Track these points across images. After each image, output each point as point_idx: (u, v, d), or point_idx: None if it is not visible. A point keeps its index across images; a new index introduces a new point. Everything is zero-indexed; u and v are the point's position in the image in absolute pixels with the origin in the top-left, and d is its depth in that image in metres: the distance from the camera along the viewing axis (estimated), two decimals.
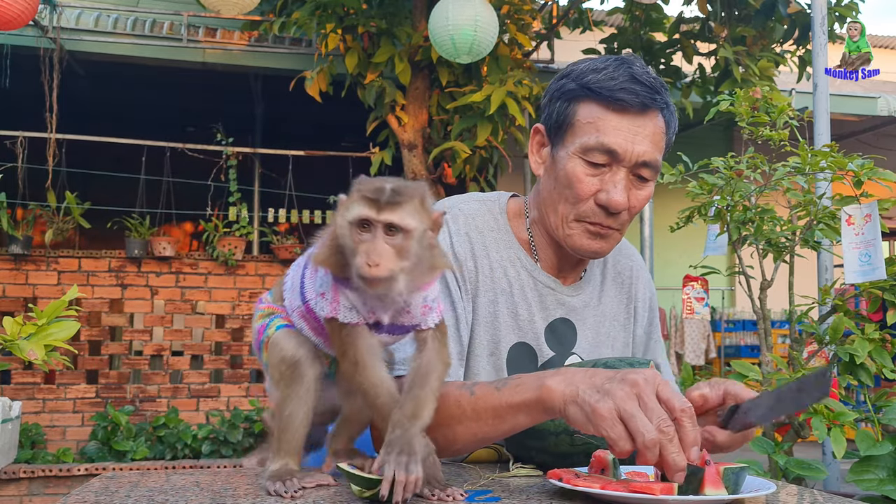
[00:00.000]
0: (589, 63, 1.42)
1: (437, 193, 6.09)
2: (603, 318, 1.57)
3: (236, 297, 6.32)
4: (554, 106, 1.44)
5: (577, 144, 1.39)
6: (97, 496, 1.03)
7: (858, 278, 2.47)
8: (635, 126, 1.36)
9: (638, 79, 1.36)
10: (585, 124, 1.38)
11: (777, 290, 2.77)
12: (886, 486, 1.55)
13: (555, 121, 1.44)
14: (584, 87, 1.39)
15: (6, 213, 5.82)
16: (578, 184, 1.39)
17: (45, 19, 6.15)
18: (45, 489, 5.32)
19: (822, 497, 1.17)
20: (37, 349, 1.43)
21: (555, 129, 1.44)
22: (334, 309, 1.06)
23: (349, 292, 1.05)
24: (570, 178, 1.39)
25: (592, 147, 1.37)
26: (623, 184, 1.37)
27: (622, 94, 1.35)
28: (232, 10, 5.88)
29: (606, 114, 1.37)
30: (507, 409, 1.18)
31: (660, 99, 1.38)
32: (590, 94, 1.38)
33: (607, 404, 1.00)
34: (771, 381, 2.23)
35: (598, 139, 1.36)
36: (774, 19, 6.33)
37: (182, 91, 7.60)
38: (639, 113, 1.36)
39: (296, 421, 1.13)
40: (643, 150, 1.36)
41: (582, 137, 1.38)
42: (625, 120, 1.36)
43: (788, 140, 2.70)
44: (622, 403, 1.00)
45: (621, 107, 1.36)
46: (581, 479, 1.04)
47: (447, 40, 5.10)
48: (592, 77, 1.38)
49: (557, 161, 1.43)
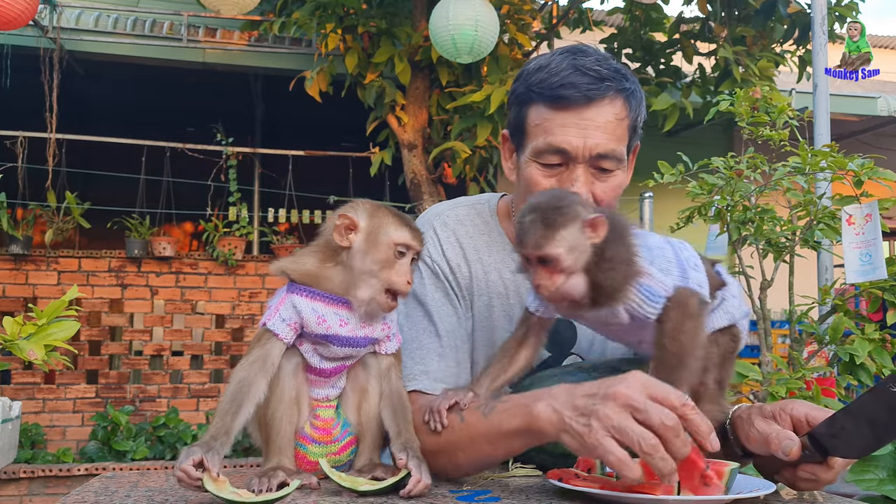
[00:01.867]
0: (537, 60, 1.39)
1: (437, 193, 6.09)
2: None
3: (236, 297, 6.31)
4: (512, 112, 1.42)
5: (530, 149, 1.36)
6: (97, 496, 1.03)
7: (859, 278, 2.47)
8: (583, 120, 1.32)
9: (582, 70, 1.31)
10: (535, 127, 1.36)
11: (777, 290, 2.76)
12: (886, 486, 1.55)
13: (514, 126, 1.42)
14: (529, 90, 1.36)
15: (6, 213, 5.81)
16: (536, 187, 1.35)
17: (45, 19, 6.15)
18: (45, 489, 5.31)
19: (822, 497, 1.17)
20: (37, 349, 1.43)
21: (516, 136, 1.42)
22: (269, 317, 1.15)
23: (332, 307, 1.16)
24: (530, 183, 1.37)
25: (542, 149, 1.34)
26: (582, 180, 1.33)
27: (562, 90, 1.31)
28: (232, 10, 5.87)
29: (551, 113, 1.33)
30: (499, 436, 1.14)
31: (607, 86, 1.32)
32: (535, 97, 1.35)
33: (594, 432, 0.97)
34: (771, 381, 2.23)
35: (546, 140, 1.33)
36: (774, 19, 6.32)
37: (182, 91, 7.60)
38: (584, 106, 1.31)
39: (276, 419, 1.15)
40: (595, 142, 1.32)
41: (533, 141, 1.36)
42: (570, 116, 1.32)
43: (788, 140, 2.70)
44: (608, 421, 0.97)
45: (564, 104, 1.32)
46: (581, 479, 1.04)
47: (448, 40, 5.10)
48: (536, 77, 1.35)
49: (521, 167, 1.41)
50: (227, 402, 1.10)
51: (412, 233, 1.18)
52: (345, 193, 6.50)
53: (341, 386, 1.23)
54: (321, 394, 1.22)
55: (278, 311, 1.15)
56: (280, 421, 1.15)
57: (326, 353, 1.18)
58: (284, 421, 1.16)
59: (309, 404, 1.21)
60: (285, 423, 1.16)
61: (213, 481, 0.99)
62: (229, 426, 1.08)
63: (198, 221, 6.51)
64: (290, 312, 1.14)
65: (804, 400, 1.22)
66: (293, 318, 1.14)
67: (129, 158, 6.37)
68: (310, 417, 1.21)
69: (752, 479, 1.11)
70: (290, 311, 1.14)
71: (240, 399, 1.10)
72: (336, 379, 1.22)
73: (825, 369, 2.45)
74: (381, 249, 1.15)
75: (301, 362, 1.19)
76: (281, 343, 1.15)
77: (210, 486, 0.99)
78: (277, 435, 1.15)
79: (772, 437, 1.11)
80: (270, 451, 1.16)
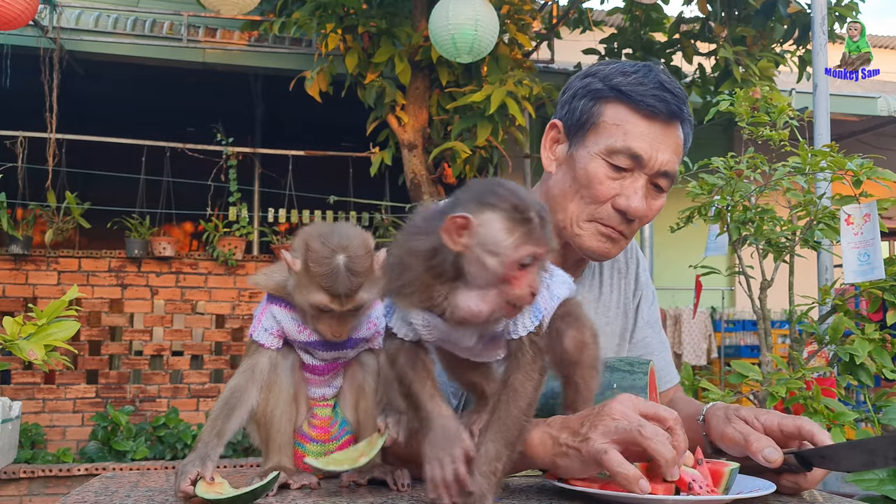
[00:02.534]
0: (617, 66, 1.40)
1: (438, 193, 6.09)
2: (607, 310, 1.58)
3: (236, 297, 6.32)
4: (577, 103, 1.41)
5: (602, 146, 1.36)
6: (97, 496, 1.03)
7: (857, 278, 2.46)
8: (661, 134, 1.35)
9: (667, 87, 1.35)
10: (612, 126, 1.36)
11: (777, 290, 2.76)
12: (886, 486, 1.55)
13: (577, 119, 1.40)
14: (613, 89, 1.36)
15: (6, 213, 5.82)
16: (599, 185, 1.36)
17: (45, 19, 6.15)
18: (45, 489, 5.31)
19: (822, 497, 1.17)
20: (37, 349, 1.43)
21: (576, 128, 1.41)
22: (254, 329, 1.17)
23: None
24: (591, 179, 1.37)
25: (618, 150, 1.35)
26: (643, 191, 1.36)
27: (653, 100, 1.33)
28: (232, 10, 5.87)
29: (635, 118, 1.35)
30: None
31: (685, 111, 1.37)
32: (619, 96, 1.36)
33: (592, 442, 0.98)
34: (771, 381, 2.23)
35: (624, 143, 1.34)
36: (774, 19, 6.32)
37: (182, 91, 7.60)
38: (666, 121, 1.35)
39: (275, 417, 1.15)
40: (666, 159, 1.35)
41: (608, 139, 1.36)
42: (652, 127, 1.34)
43: (788, 140, 2.70)
44: (606, 431, 0.98)
45: (651, 113, 1.34)
46: (581, 479, 1.04)
47: (448, 40, 5.10)
48: (622, 79, 1.36)
49: (577, 160, 1.39)
50: (219, 408, 1.12)
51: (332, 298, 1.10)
52: (345, 193, 6.51)
53: (338, 385, 1.24)
54: (318, 393, 1.23)
55: (261, 322, 1.17)
56: (279, 419, 1.16)
57: (315, 354, 1.20)
58: (283, 419, 1.16)
59: (307, 403, 1.22)
60: (284, 421, 1.16)
61: (208, 486, 1.00)
62: (221, 429, 1.10)
63: (198, 221, 6.51)
64: (270, 322, 1.17)
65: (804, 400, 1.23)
66: (275, 327, 1.17)
67: (129, 158, 6.37)
68: (308, 416, 1.21)
69: (752, 479, 1.11)
70: (271, 321, 1.17)
71: (231, 403, 1.12)
72: (332, 377, 1.23)
73: (825, 369, 2.45)
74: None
75: (297, 360, 1.20)
76: (269, 351, 1.17)
77: (201, 490, 1.00)
78: (277, 433, 1.16)
79: (752, 439, 1.14)
80: (270, 450, 1.16)
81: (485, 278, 0.92)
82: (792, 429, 1.16)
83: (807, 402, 2.17)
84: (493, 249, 0.91)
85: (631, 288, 1.63)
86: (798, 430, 1.16)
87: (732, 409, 1.23)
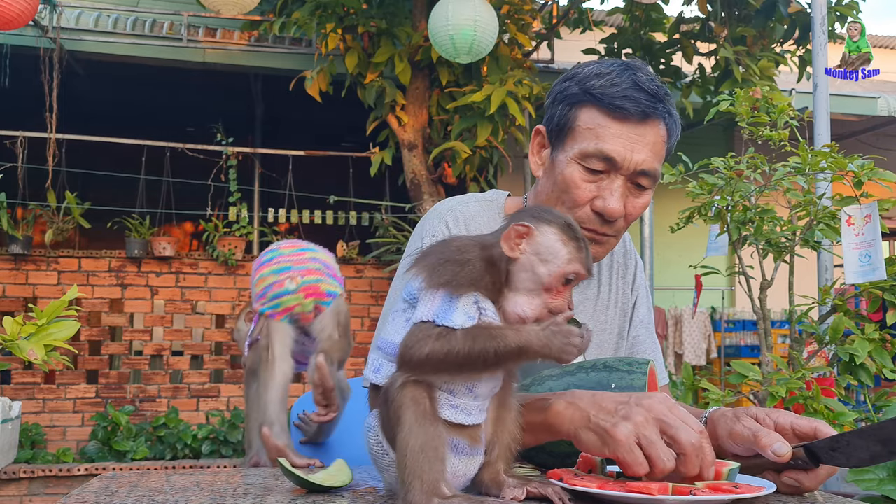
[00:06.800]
0: (594, 66, 1.41)
1: (437, 193, 6.09)
2: (606, 309, 1.58)
3: (236, 297, 6.31)
4: (556, 108, 1.43)
5: (576, 150, 1.38)
6: (97, 496, 1.03)
7: (858, 279, 2.47)
8: (635, 134, 1.36)
9: (641, 86, 1.35)
10: (585, 130, 1.37)
11: (777, 290, 2.77)
12: (886, 486, 1.55)
13: (556, 124, 1.43)
14: (586, 92, 1.38)
15: (6, 213, 5.82)
16: (575, 189, 1.38)
17: (45, 19, 6.14)
18: (45, 489, 5.31)
19: (822, 497, 1.17)
20: (37, 349, 1.43)
21: (556, 132, 1.43)
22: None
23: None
24: (568, 183, 1.39)
25: (591, 153, 1.36)
26: (620, 192, 1.37)
27: (623, 101, 1.34)
28: (232, 9, 5.87)
29: (607, 121, 1.36)
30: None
31: (662, 108, 1.37)
32: (591, 100, 1.37)
33: (625, 429, 1.00)
34: (771, 381, 2.23)
35: (597, 146, 1.36)
36: (774, 19, 6.33)
37: (182, 91, 7.60)
38: (639, 121, 1.35)
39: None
40: (642, 158, 1.36)
41: (581, 143, 1.37)
42: (625, 128, 1.35)
43: (788, 140, 2.70)
44: (642, 429, 1.00)
45: (622, 114, 1.35)
46: (581, 479, 1.04)
47: (447, 40, 5.10)
48: (595, 82, 1.37)
49: (556, 164, 1.42)
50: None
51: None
52: (345, 193, 6.51)
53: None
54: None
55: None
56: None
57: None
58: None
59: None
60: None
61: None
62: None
63: (198, 221, 6.51)
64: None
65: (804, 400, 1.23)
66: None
67: (129, 158, 6.38)
68: None
69: (753, 479, 1.11)
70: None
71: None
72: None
73: (825, 369, 2.46)
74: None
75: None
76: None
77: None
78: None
79: (761, 434, 1.13)
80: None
81: (532, 284, 0.98)
82: (808, 430, 1.16)
83: (807, 402, 2.17)
84: (547, 258, 0.98)
85: (629, 287, 1.64)
86: (814, 432, 1.16)
87: (742, 410, 1.23)
